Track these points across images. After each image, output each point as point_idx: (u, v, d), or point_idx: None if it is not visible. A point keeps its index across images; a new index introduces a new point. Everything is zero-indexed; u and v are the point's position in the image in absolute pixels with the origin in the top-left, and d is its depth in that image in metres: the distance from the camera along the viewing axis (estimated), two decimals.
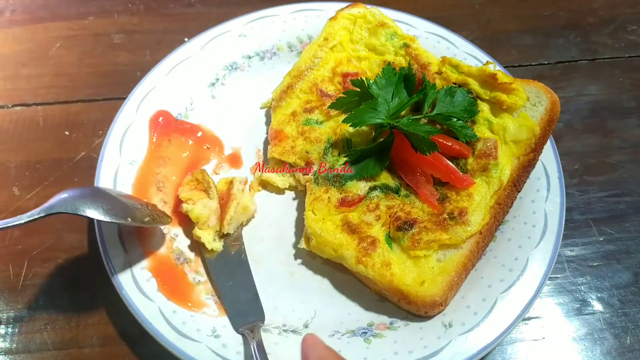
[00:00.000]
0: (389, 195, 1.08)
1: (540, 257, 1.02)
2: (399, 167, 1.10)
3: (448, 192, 1.07)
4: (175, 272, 1.05)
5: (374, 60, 1.28)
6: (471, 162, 1.09)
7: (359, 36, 1.30)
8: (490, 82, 1.15)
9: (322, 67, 1.26)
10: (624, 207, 1.21)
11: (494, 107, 1.15)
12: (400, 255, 1.01)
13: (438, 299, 0.96)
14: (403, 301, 0.99)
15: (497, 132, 1.12)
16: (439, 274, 0.98)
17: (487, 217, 1.03)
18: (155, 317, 0.96)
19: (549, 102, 1.14)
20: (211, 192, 1.09)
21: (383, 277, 0.98)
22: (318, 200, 1.07)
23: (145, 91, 1.25)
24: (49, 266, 1.11)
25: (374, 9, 1.32)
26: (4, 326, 1.04)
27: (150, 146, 1.20)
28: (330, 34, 1.29)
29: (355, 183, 1.08)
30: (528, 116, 1.12)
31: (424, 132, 1.03)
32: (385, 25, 1.29)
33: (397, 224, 1.03)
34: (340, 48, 1.28)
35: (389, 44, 1.28)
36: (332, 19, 1.31)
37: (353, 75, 1.23)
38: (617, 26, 1.55)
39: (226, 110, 1.28)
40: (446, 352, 0.93)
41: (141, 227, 1.07)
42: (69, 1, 1.61)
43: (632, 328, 1.05)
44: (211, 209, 1.08)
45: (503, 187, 1.06)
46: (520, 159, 1.09)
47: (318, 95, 1.22)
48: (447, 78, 1.20)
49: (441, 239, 1.00)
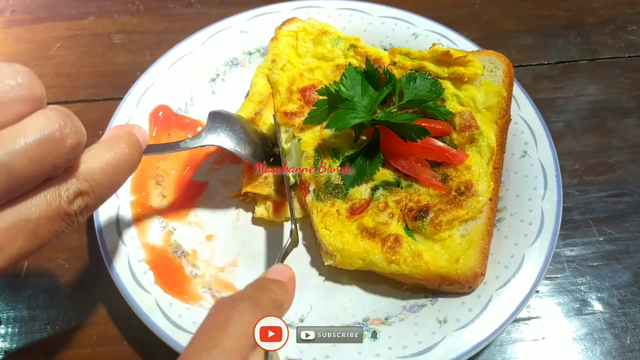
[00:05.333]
0: (392, 191, 1.08)
1: (536, 255, 1.02)
2: (391, 161, 1.10)
3: (446, 170, 1.09)
4: (173, 265, 1.05)
5: (325, 67, 1.29)
6: (456, 137, 1.12)
7: (304, 49, 1.31)
8: (445, 60, 1.21)
9: (277, 93, 1.26)
10: (624, 207, 1.21)
11: (456, 81, 1.20)
12: (426, 242, 1.02)
13: (478, 270, 0.98)
14: (444, 284, 1.00)
15: (468, 104, 1.17)
16: (468, 247, 1.00)
17: (491, 184, 1.07)
18: (152, 310, 0.96)
19: (504, 65, 1.22)
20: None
21: (419, 269, 0.99)
22: (328, 216, 1.06)
23: (145, 86, 1.26)
24: (49, 266, 1.11)
25: (310, 19, 1.34)
26: (4, 326, 1.04)
27: (150, 140, 1.20)
28: (277, 55, 1.29)
29: (356, 189, 1.08)
30: (491, 82, 1.19)
31: (409, 120, 1.05)
32: (327, 32, 1.31)
33: (413, 214, 1.04)
34: (290, 66, 1.29)
35: (336, 49, 1.30)
36: (273, 39, 1.32)
37: (310, 88, 1.23)
38: (617, 26, 1.55)
39: (226, 105, 1.28)
40: (440, 348, 0.93)
41: (139, 219, 1.08)
42: (69, 1, 1.61)
43: (632, 328, 1.05)
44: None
45: (495, 152, 1.10)
46: (498, 123, 1.15)
47: (285, 119, 1.21)
48: (403, 66, 1.23)
49: (460, 215, 1.02)
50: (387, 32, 1.38)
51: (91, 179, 0.69)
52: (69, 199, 0.66)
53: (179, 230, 1.12)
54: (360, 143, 1.13)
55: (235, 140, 1.07)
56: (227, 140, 1.06)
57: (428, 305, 1.00)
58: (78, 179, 0.68)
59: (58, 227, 0.67)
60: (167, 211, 1.13)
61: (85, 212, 0.70)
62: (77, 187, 0.67)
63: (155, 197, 1.14)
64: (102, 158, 0.72)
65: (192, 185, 1.19)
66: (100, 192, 0.71)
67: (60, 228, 0.68)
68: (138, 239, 1.06)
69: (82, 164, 0.69)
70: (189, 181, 1.19)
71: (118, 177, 0.75)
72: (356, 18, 1.41)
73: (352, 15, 1.42)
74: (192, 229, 1.13)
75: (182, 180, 1.19)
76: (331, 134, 1.13)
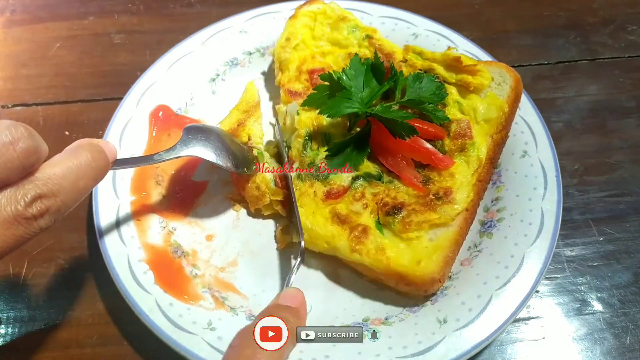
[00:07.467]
0: (372, 183, 1.09)
1: (536, 255, 1.02)
2: (378, 155, 1.11)
3: (430, 173, 1.09)
4: (173, 265, 1.05)
5: (338, 54, 1.30)
6: (448, 144, 1.12)
7: (320, 32, 1.32)
8: (455, 66, 1.21)
9: (286, 70, 1.26)
10: (624, 207, 1.21)
11: (462, 89, 1.19)
12: (393, 239, 1.03)
13: (436, 276, 0.98)
14: (401, 283, 1.00)
15: (468, 113, 1.16)
16: (433, 252, 1.00)
17: (471, 195, 1.07)
18: (152, 310, 0.96)
19: (512, 80, 1.20)
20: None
21: (379, 262, 0.99)
22: (304, 195, 1.08)
23: (145, 86, 1.26)
24: (49, 266, 1.11)
25: (333, 3, 1.34)
26: (4, 326, 1.04)
27: (150, 140, 1.21)
28: (292, 34, 1.30)
29: (338, 175, 1.09)
30: (496, 95, 1.17)
31: (401, 117, 1.05)
32: (346, 19, 1.31)
33: (386, 209, 1.04)
34: (303, 46, 1.29)
35: (351, 37, 1.31)
36: (292, 17, 1.33)
37: (319, 71, 1.24)
38: (617, 26, 1.55)
39: (226, 105, 1.28)
40: (440, 348, 0.93)
41: (139, 219, 1.08)
42: (69, 1, 1.61)
43: (632, 328, 1.05)
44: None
45: (482, 164, 1.10)
46: (493, 137, 1.14)
47: (288, 97, 1.22)
48: (413, 65, 1.23)
49: (431, 219, 1.03)
50: (387, 32, 1.38)
51: (51, 183, 0.69)
52: (25, 202, 0.66)
53: (179, 230, 1.12)
54: (353, 134, 1.14)
55: (211, 149, 1.06)
56: (202, 150, 1.05)
57: (428, 305, 1.00)
58: (36, 184, 0.68)
59: (16, 232, 0.66)
60: (167, 211, 1.13)
61: (47, 216, 0.69)
62: (35, 191, 0.67)
63: (155, 197, 1.14)
64: (63, 164, 0.72)
65: (192, 185, 1.19)
66: (62, 196, 0.70)
67: (20, 233, 0.67)
68: (138, 239, 1.06)
69: (41, 170, 0.70)
70: (189, 181, 1.19)
71: (81, 182, 0.74)
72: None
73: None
74: (192, 229, 1.13)
75: (182, 180, 1.19)
76: (327, 120, 1.14)
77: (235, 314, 1.00)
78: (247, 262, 1.09)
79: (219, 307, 1.00)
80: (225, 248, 1.11)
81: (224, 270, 1.08)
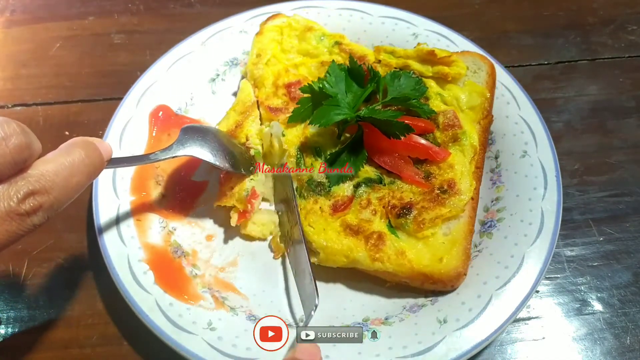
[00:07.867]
0: (375, 187, 1.09)
1: (536, 255, 1.02)
2: (375, 157, 1.11)
3: (429, 168, 1.10)
4: (173, 265, 1.05)
5: (310, 64, 1.30)
6: (439, 136, 1.14)
7: (289, 45, 1.32)
8: (430, 59, 1.23)
9: (262, 86, 1.25)
10: (624, 207, 1.21)
11: (440, 81, 1.22)
12: (409, 240, 1.03)
13: (461, 270, 0.99)
14: (427, 282, 1.00)
15: (451, 103, 1.18)
16: (451, 246, 1.01)
17: (474, 182, 1.08)
18: (152, 310, 0.96)
19: (487, 66, 1.24)
20: None
21: (402, 267, 0.99)
22: (311, 213, 1.07)
23: (145, 86, 1.26)
24: (49, 266, 1.11)
25: (296, 15, 1.35)
26: (4, 326, 1.04)
27: (150, 140, 1.21)
28: (262, 50, 1.30)
29: (339, 186, 1.09)
30: (475, 83, 1.20)
31: (393, 117, 1.05)
32: (312, 29, 1.32)
33: (396, 211, 1.04)
34: (274, 61, 1.29)
35: (320, 46, 1.31)
36: (258, 34, 1.33)
37: (296, 84, 1.24)
38: (617, 26, 1.55)
39: (226, 105, 1.28)
40: (440, 348, 0.93)
41: (139, 219, 1.08)
42: (69, 1, 1.61)
43: (632, 328, 1.05)
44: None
45: (477, 151, 1.11)
46: (481, 123, 1.17)
47: (269, 114, 1.21)
48: (388, 64, 1.25)
49: (443, 214, 1.03)
50: (387, 32, 1.38)
51: (43, 180, 0.69)
52: (18, 198, 0.66)
53: (179, 230, 1.12)
54: (343, 141, 1.14)
55: (208, 149, 1.06)
56: (198, 150, 1.05)
57: (428, 305, 1.00)
58: (29, 180, 0.68)
59: (9, 228, 0.67)
60: (167, 211, 1.13)
61: (41, 212, 0.69)
62: (28, 188, 0.67)
63: (155, 197, 1.14)
64: (56, 161, 0.73)
65: (192, 185, 1.19)
66: (55, 193, 0.70)
67: (13, 229, 0.67)
68: (138, 239, 1.06)
69: (34, 167, 0.70)
70: (189, 181, 1.19)
71: (74, 179, 0.74)
72: (356, 18, 1.41)
73: (352, 15, 1.42)
74: (192, 229, 1.13)
75: (182, 180, 1.19)
76: (314, 132, 1.13)
77: (235, 314, 1.00)
78: (247, 262, 1.09)
79: (219, 307, 1.00)
80: (225, 248, 1.11)
81: (224, 270, 1.08)
